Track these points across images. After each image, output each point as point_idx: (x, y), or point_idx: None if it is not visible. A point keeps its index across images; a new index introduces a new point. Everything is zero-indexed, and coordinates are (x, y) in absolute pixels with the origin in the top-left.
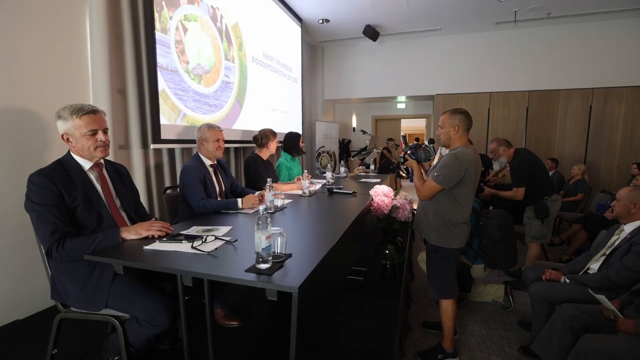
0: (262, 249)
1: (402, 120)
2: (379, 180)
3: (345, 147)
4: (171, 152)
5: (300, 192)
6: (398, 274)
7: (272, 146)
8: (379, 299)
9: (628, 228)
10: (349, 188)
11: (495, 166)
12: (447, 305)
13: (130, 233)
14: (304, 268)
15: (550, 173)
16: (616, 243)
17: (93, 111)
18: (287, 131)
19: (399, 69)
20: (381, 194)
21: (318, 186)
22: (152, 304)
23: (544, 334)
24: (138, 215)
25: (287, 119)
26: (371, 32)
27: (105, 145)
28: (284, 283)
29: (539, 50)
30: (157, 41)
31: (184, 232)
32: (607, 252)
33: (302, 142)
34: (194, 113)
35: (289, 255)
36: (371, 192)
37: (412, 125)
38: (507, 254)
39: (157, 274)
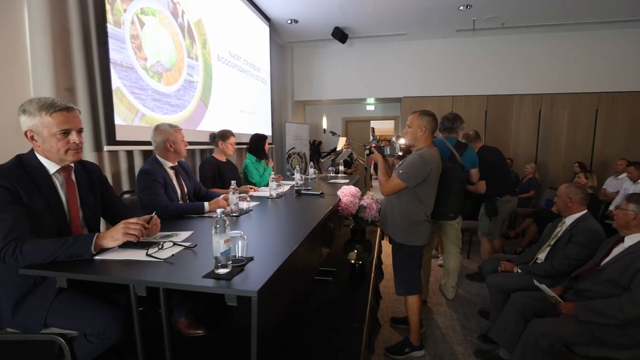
0: (221, 253)
1: (371, 121)
2: (347, 181)
3: (315, 148)
4: (129, 155)
5: (268, 193)
6: (367, 273)
7: (227, 147)
8: (348, 298)
9: (568, 220)
10: (317, 189)
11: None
12: (412, 301)
13: (107, 240)
14: (265, 271)
15: None
16: (559, 234)
17: (67, 108)
18: (256, 132)
19: (367, 71)
20: (348, 194)
21: (286, 188)
22: (100, 317)
23: (500, 321)
24: (117, 215)
25: (255, 120)
26: (340, 34)
27: (78, 148)
28: (243, 287)
29: (495, 57)
30: (109, 35)
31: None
32: (552, 243)
33: (270, 144)
34: (154, 113)
35: (250, 259)
36: (339, 192)
37: (381, 127)
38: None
39: (110, 286)
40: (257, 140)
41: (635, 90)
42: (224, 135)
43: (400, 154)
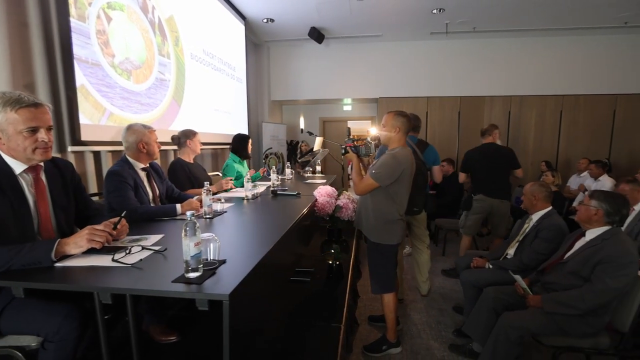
0: (191, 257)
1: (348, 121)
2: (324, 181)
3: (293, 148)
4: (97, 155)
5: (243, 194)
6: (344, 272)
7: (194, 146)
8: (325, 299)
9: (535, 217)
10: (293, 190)
11: None
12: (388, 299)
13: (70, 246)
14: (238, 274)
15: None
16: (527, 230)
17: (34, 104)
18: (231, 132)
19: (344, 71)
20: (325, 194)
21: (262, 188)
22: (52, 317)
23: (472, 315)
24: (85, 219)
25: (231, 119)
26: (316, 35)
27: (47, 147)
28: (214, 291)
29: (467, 59)
30: (72, 29)
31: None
32: (520, 239)
33: (250, 144)
34: (123, 112)
35: (223, 262)
36: (315, 193)
37: (358, 127)
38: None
39: (73, 295)
40: (240, 140)
41: (595, 94)
42: (190, 134)
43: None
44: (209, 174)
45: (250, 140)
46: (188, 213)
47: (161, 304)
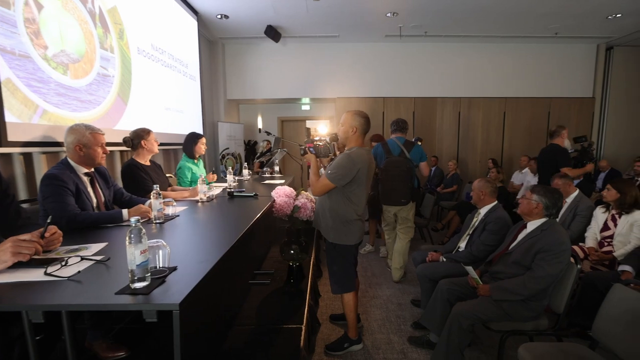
0: (137, 265)
1: (307, 121)
2: (283, 181)
3: (251, 148)
4: (28, 157)
5: (197, 197)
6: (305, 272)
7: (150, 146)
8: (286, 300)
9: (482, 211)
10: (251, 190)
11: None
12: (348, 299)
13: None
14: (189, 281)
15: (433, 168)
16: (476, 224)
17: None
18: (185, 132)
19: (302, 71)
20: (283, 194)
21: (218, 190)
22: None
23: (428, 308)
24: (8, 229)
25: (184, 118)
26: (273, 33)
27: None
28: (163, 301)
29: (420, 62)
30: None
31: (37, 256)
32: (470, 232)
33: (204, 144)
34: (59, 109)
35: (174, 269)
36: (273, 193)
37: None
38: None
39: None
40: (189, 139)
41: (533, 97)
42: (143, 133)
43: (334, 154)
44: None
45: (201, 140)
46: (132, 219)
47: (107, 318)
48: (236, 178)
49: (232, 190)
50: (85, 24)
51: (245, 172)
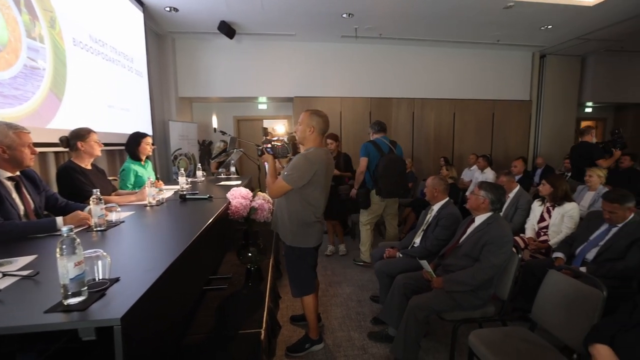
0: (71, 279)
1: (264, 120)
2: (239, 182)
3: (205, 148)
4: None
5: (145, 201)
6: (264, 275)
7: (89, 148)
8: (244, 305)
9: (435, 207)
10: (205, 193)
11: None
12: (308, 301)
13: None
14: (134, 292)
15: None
16: (429, 220)
17: None
18: (132, 131)
19: (258, 69)
20: (239, 196)
21: (169, 193)
22: None
23: (387, 302)
24: None
25: (130, 117)
26: (227, 29)
27: None
28: (102, 316)
29: (376, 63)
30: None
31: None
32: (424, 228)
33: (152, 144)
34: None
35: (116, 280)
36: (228, 195)
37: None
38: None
39: None
40: (132, 139)
41: (479, 99)
42: (81, 134)
43: (291, 156)
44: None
45: (146, 140)
46: (64, 228)
47: (38, 339)
48: (189, 180)
49: (185, 192)
50: (7, 10)
51: (200, 173)
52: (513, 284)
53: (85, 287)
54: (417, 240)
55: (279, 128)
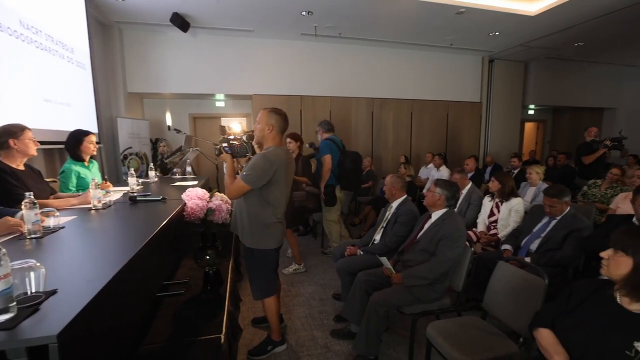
0: None
1: (222, 119)
2: (195, 183)
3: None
4: None
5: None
6: (223, 277)
7: (22, 146)
8: (202, 310)
9: (394, 205)
10: (158, 194)
11: None
12: (270, 303)
13: None
14: (73, 306)
15: None
16: (388, 217)
17: None
18: (73, 129)
19: (216, 65)
20: (195, 197)
21: (118, 195)
22: None
23: (348, 300)
24: None
25: (72, 113)
26: (180, 22)
27: None
28: (35, 334)
29: (336, 62)
30: None
31: None
32: (384, 225)
33: (97, 143)
34: None
35: (52, 293)
36: (183, 196)
37: (230, 125)
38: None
39: None
40: (72, 138)
41: (435, 99)
42: (13, 131)
43: (250, 155)
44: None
45: (88, 138)
46: None
47: None
48: (140, 181)
49: (135, 194)
50: None
51: (152, 173)
52: (466, 276)
53: (14, 303)
54: (377, 237)
55: (235, 126)
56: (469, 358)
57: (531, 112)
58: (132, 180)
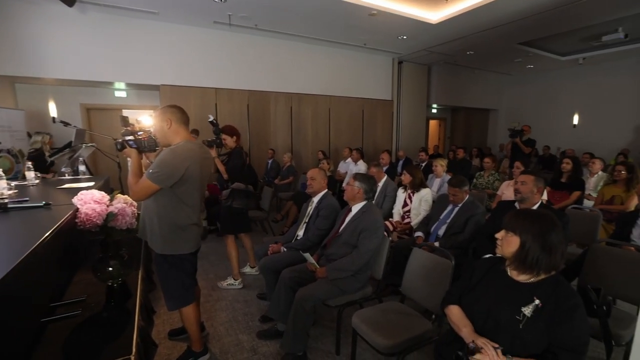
0: None
1: (123, 110)
2: (92, 184)
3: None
4: None
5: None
6: (132, 289)
7: None
8: (107, 329)
9: (315, 199)
10: (39, 199)
11: None
12: (188, 312)
13: None
14: None
15: (269, 161)
16: (310, 212)
17: None
18: None
19: (113, 50)
20: (90, 201)
21: None
22: None
23: (274, 298)
24: None
25: None
26: None
27: None
28: None
29: (252, 54)
30: None
31: None
32: (307, 220)
33: None
34: None
35: None
36: (75, 200)
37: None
38: None
39: None
40: None
41: (352, 96)
42: None
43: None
44: None
45: None
46: None
47: None
48: (13, 184)
49: (6, 200)
50: None
51: (31, 174)
52: (386, 264)
53: None
54: (300, 233)
55: (145, 119)
56: (391, 342)
57: (434, 110)
58: (2, 184)
